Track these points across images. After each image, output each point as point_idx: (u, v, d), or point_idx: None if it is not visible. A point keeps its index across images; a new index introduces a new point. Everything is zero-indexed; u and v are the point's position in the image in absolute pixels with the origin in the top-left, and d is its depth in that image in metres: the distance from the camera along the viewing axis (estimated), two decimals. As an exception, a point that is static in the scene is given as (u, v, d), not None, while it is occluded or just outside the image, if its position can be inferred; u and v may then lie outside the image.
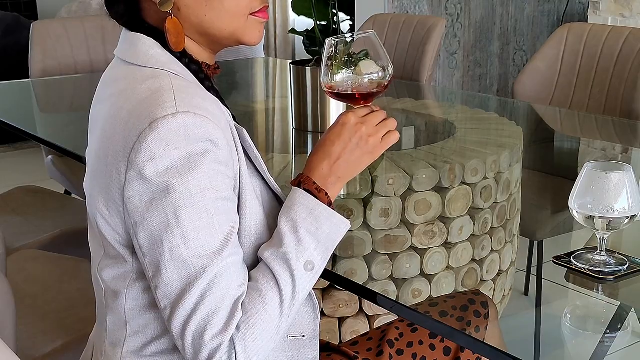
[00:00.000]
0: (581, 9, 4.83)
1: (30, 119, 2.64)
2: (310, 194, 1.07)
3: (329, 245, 1.06)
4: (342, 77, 1.15)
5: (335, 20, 2.07)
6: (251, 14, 1.09)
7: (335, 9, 2.09)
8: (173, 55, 1.08)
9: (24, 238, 2.17)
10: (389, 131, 1.13)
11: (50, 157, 2.99)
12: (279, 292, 1.02)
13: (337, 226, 1.07)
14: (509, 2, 4.68)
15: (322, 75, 1.16)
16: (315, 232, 1.05)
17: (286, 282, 1.02)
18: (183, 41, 1.07)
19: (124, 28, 1.12)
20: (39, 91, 3.16)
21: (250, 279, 1.04)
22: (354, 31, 4.53)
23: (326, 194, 1.09)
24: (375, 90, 1.16)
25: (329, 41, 1.15)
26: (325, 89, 1.17)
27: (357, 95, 1.16)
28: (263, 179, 1.12)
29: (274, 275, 1.02)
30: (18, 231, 2.23)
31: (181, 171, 0.97)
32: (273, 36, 5.69)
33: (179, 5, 1.06)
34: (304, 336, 1.14)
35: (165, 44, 1.07)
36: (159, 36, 1.08)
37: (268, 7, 1.11)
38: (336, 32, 2.07)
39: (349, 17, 5.02)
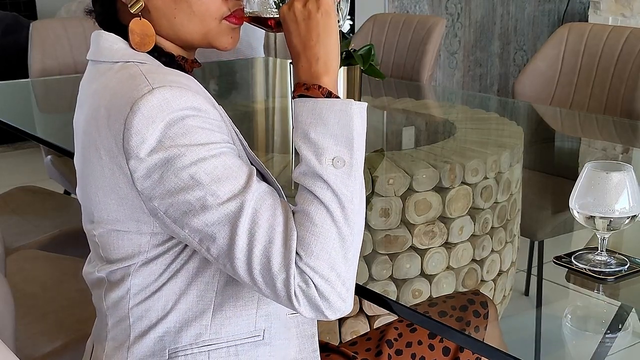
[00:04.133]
0: (582, 8, 4.83)
1: (30, 119, 2.64)
2: (304, 97, 1.03)
3: (347, 134, 1.00)
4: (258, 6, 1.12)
5: (335, 20, 2.06)
6: (224, 19, 1.09)
7: (335, 9, 2.08)
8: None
9: (24, 238, 2.17)
10: None
11: (49, 157, 2.99)
12: (320, 202, 0.98)
13: (343, 112, 1.00)
14: (509, 1, 4.68)
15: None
16: (325, 129, 1.00)
17: (321, 188, 0.98)
18: (150, 43, 1.07)
19: (93, 32, 1.12)
20: (38, 91, 3.16)
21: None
22: (354, 32, 4.53)
23: (319, 87, 1.03)
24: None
25: None
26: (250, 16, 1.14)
27: (270, 22, 1.12)
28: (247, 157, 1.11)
29: (308, 190, 0.99)
30: (17, 231, 2.23)
31: (174, 138, 0.96)
32: (273, 36, 5.69)
33: (149, 8, 1.06)
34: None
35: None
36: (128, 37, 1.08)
37: (242, 10, 1.10)
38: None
39: (349, 17, 5.02)
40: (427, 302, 1.47)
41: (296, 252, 0.96)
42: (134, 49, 1.07)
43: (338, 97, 1.03)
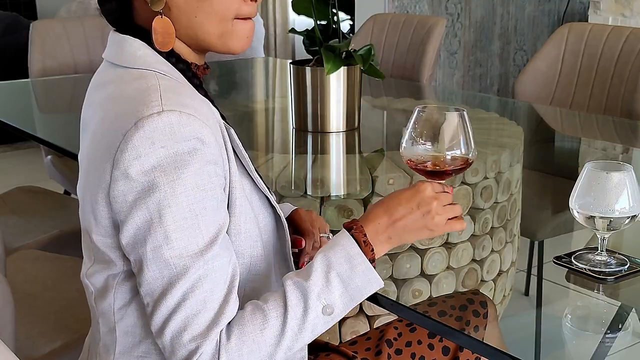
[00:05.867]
0: (582, 8, 4.82)
1: (30, 119, 2.64)
2: (357, 242, 1.06)
3: (355, 297, 1.04)
4: (423, 150, 1.12)
5: (335, 20, 2.06)
6: (237, 18, 1.08)
7: (335, 9, 2.09)
8: (160, 55, 1.07)
9: (23, 238, 2.17)
10: (456, 217, 1.11)
11: (49, 157, 2.99)
12: (283, 322, 1.00)
13: (369, 282, 1.04)
14: (509, 1, 4.68)
15: (403, 143, 1.13)
16: (347, 280, 1.03)
17: (295, 315, 1.00)
18: (171, 42, 1.06)
19: (112, 31, 1.11)
20: (38, 91, 3.16)
21: (262, 299, 1.02)
22: (354, 32, 4.53)
23: (372, 249, 1.06)
24: (457, 167, 1.12)
25: (418, 110, 1.12)
26: (403, 158, 1.15)
27: (434, 170, 1.13)
28: (251, 179, 1.11)
29: (286, 304, 1.00)
30: (17, 231, 2.23)
31: (167, 170, 0.96)
32: (273, 36, 5.69)
33: (170, 5, 1.05)
34: None
35: (153, 45, 1.07)
36: (148, 37, 1.07)
37: (255, 15, 1.11)
38: (336, 31, 2.06)
39: (349, 17, 5.02)
40: (427, 302, 1.47)
41: (229, 335, 0.98)
42: (155, 49, 1.06)
43: (374, 268, 1.06)
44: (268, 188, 1.14)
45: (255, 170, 1.12)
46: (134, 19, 1.09)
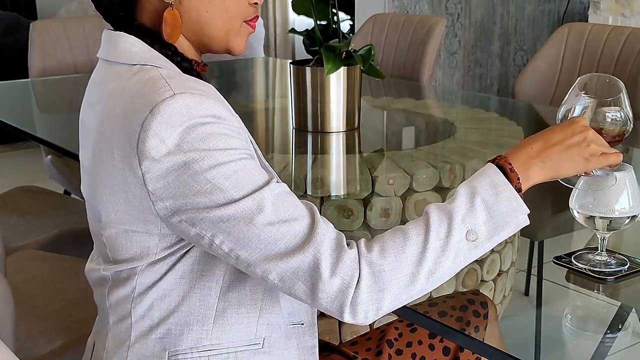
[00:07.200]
0: (582, 8, 4.82)
1: (30, 119, 2.64)
2: (502, 171, 1.05)
3: (499, 225, 1.02)
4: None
5: (335, 20, 2.06)
6: (244, 21, 1.10)
7: (335, 9, 2.09)
8: (163, 54, 1.07)
9: (23, 238, 2.17)
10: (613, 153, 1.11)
11: (49, 157, 2.99)
12: (424, 240, 0.98)
13: (515, 210, 1.02)
14: (509, 1, 4.68)
15: (560, 113, 1.16)
16: (491, 206, 1.01)
17: (438, 236, 0.98)
18: (178, 35, 1.07)
19: (105, 29, 1.11)
20: (38, 91, 3.16)
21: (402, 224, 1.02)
22: (354, 32, 4.53)
23: (518, 178, 1.05)
24: (614, 136, 1.14)
25: (579, 80, 1.14)
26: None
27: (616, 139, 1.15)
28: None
29: (428, 224, 0.99)
30: (17, 231, 2.23)
31: (193, 143, 0.96)
32: (273, 36, 5.69)
33: None
34: (302, 324, 1.14)
35: (151, 43, 1.07)
36: (147, 36, 1.07)
37: (258, 18, 1.12)
38: (336, 31, 2.06)
39: (349, 17, 5.03)
40: (427, 302, 1.47)
41: (369, 248, 0.97)
42: (152, 46, 1.06)
43: (522, 197, 1.04)
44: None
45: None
46: (134, 16, 1.09)
